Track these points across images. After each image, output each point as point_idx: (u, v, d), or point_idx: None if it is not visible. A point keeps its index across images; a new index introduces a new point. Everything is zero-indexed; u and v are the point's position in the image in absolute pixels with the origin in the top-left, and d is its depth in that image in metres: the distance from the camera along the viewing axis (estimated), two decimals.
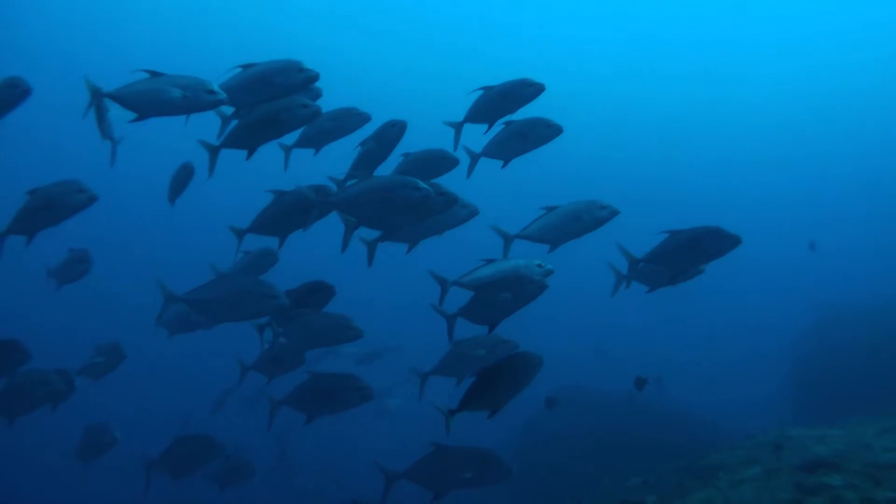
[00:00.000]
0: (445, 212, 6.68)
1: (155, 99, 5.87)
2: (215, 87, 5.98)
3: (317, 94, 6.94)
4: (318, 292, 7.36)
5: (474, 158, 7.62)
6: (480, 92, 7.49)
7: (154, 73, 5.99)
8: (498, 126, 7.53)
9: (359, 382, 7.18)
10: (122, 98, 5.94)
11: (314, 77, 6.33)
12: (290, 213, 6.77)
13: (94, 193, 6.51)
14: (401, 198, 6.32)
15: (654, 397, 14.30)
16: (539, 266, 6.72)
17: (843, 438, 8.99)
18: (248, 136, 6.39)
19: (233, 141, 6.42)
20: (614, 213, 7.18)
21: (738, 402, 18.74)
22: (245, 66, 6.24)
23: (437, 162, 7.28)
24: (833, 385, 14.90)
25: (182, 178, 8.30)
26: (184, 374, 20.87)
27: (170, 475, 8.46)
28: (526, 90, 7.27)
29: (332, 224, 6.73)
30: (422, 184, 6.37)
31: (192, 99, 5.87)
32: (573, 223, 7.19)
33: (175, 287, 6.97)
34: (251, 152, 6.49)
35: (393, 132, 7.25)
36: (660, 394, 14.31)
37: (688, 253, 6.97)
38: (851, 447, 8.23)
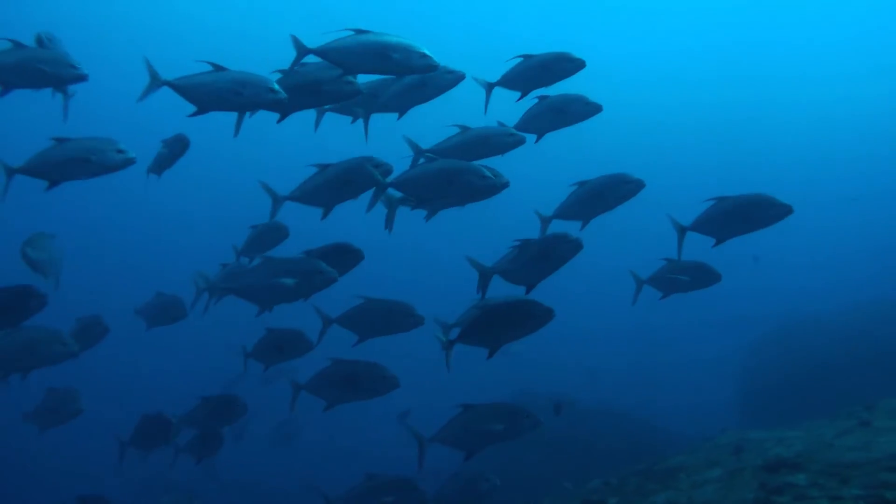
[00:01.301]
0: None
1: (216, 93, 5.88)
2: (276, 86, 6.01)
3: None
4: (344, 255, 7.06)
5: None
6: (517, 60, 7.38)
7: (217, 67, 5.97)
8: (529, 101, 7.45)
9: (384, 371, 7.07)
10: (183, 89, 5.90)
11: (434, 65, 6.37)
12: (337, 184, 6.69)
13: (132, 156, 6.30)
14: (465, 183, 6.37)
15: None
16: None
17: (802, 440, 9.06)
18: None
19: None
20: (640, 186, 7.14)
21: (692, 407, 18.91)
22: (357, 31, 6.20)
23: (503, 138, 7.19)
24: (784, 392, 15.12)
25: (175, 151, 7.98)
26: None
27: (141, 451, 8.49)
28: (567, 64, 7.19)
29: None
30: (487, 171, 6.41)
31: (254, 96, 5.92)
32: (599, 200, 7.17)
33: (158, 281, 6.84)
34: (283, 117, 6.44)
35: (447, 79, 6.97)
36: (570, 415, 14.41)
37: (737, 220, 6.89)
38: (812, 448, 8.28)
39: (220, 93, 5.93)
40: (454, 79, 6.92)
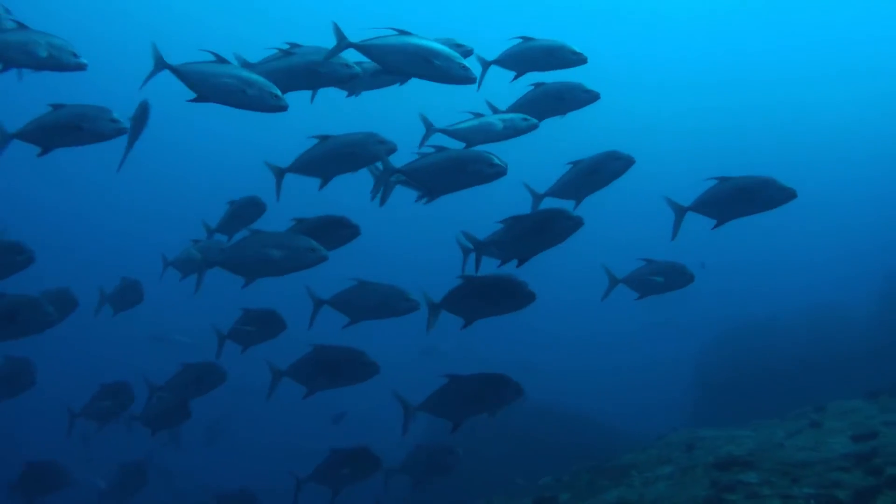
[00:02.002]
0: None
1: (220, 86, 5.86)
2: (280, 93, 6.00)
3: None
4: (339, 229, 6.91)
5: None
6: (517, 41, 7.32)
7: (219, 59, 6.01)
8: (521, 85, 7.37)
9: (365, 357, 7.01)
10: (185, 75, 5.85)
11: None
12: (340, 156, 6.61)
13: (124, 125, 6.24)
14: (474, 172, 6.32)
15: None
16: None
17: (753, 439, 9.12)
18: (285, 81, 6.24)
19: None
20: (630, 163, 7.05)
21: (644, 407, 19.02)
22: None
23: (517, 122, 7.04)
24: (734, 393, 15.27)
25: (140, 119, 7.63)
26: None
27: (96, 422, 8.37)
28: (570, 55, 7.15)
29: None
30: (497, 159, 6.36)
31: (257, 98, 5.90)
32: (590, 178, 7.09)
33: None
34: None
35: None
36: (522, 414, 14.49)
37: (740, 202, 6.76)
38: (764, 447, 8.33)
39: (225, 87, 5.90)
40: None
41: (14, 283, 6.77)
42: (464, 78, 6.28)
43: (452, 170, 6.42)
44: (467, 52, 6.93)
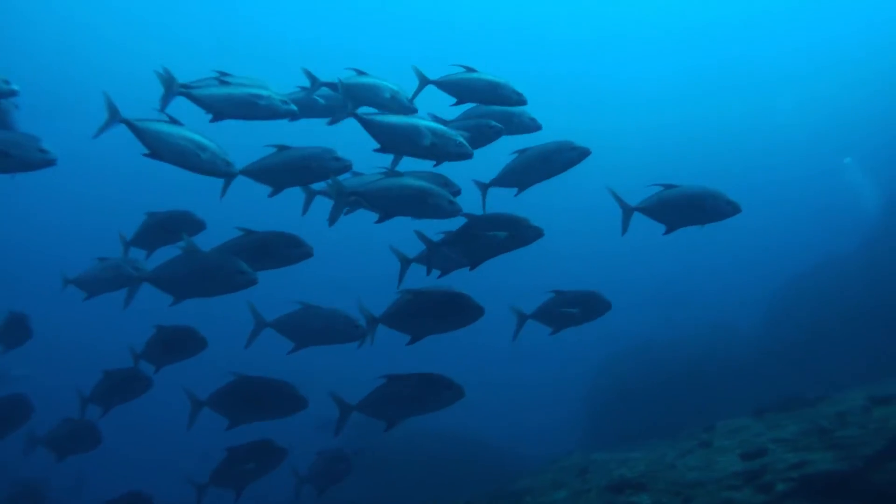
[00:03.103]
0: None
1: (175, 147, 5.88)
2: (289, 99, 6.46)
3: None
4: (291, 247, 6.61)
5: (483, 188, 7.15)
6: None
7: (223, 74, 6.33)
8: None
9: (293, 389, 6.67)
10: (141, 132, 5.83)
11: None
12: (293, 168, 6.49)
13: (53, 157, 6.04)
14: (434, 206, 6.21)
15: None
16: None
17: (645, 460, 9.10)
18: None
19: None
20: (585, 154, 6.79)
21: (540, 428, 18.98)
22: None
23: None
24: (625, 413, 15.35)
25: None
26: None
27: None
28: (511, 94, 6.91)
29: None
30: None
31: (210, 162, 5.97)
32: (542, 164, 6.83)
33: None
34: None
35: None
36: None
37: (688, 210, 6.59)
38: (655, 468, 8.29)
39: (180, 149, 5.90)
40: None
41: None
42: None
43: (412, 200, 6.26)
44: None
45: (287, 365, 7.41)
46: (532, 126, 7.26)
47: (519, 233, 6.24)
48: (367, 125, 6.18)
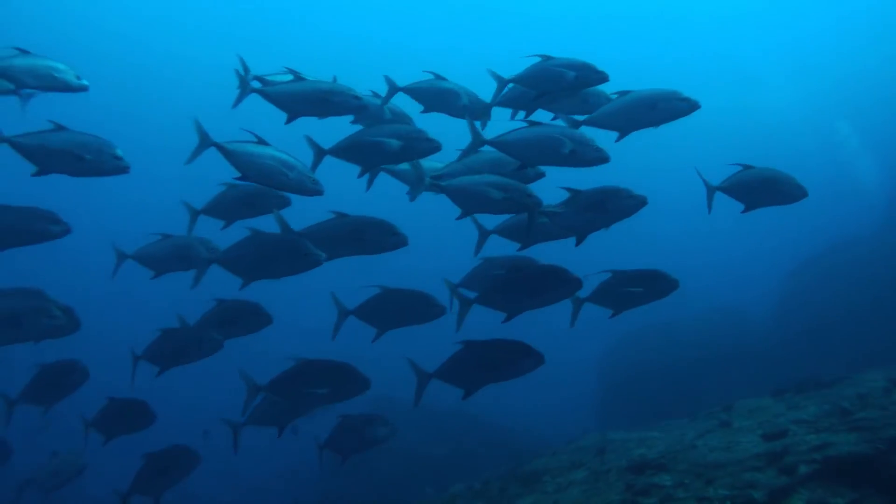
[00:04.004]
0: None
1: (310, 99, 6.29)
2: (359, 94, 6.50)
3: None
4: (251, 315, 6.93)
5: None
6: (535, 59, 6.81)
7: (298, 75, 6.45)
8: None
9: (356, 371, 6.56)
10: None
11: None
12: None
13: (127, 164, 6.11)
14: (374, 241, 6.30)
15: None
16: None
17: (664, 440, 9.10)
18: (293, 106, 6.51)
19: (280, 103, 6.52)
20: (694, 107, 6.49)
21: (551, 410, 19.05)
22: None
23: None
24: (639, 394, 15.41)
25: None
26: None
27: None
28: (593, 75, 6.57)
29: None
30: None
31: (341, 104, 6.35)
32: (648, 111, 6.53)
33: None
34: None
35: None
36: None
37: (764, 191, 6.62)
38: (675, 448, 8.30)
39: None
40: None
41: None
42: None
43: (349, 236, 6.33)
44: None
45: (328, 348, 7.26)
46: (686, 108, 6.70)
47: (620, 204, 6.17)
48: (505, 146, 6.24)
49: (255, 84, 6.60)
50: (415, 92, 6.95)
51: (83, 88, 6.42)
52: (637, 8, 37.49)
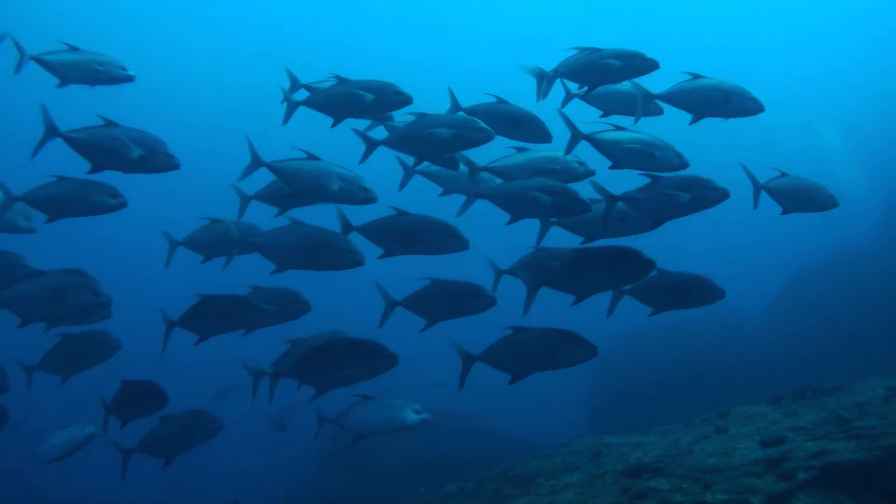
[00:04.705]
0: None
1: (350, 103, 6.33)
2: (402, 89, 6.37)
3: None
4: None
5: None
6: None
7: (342, 80, 6.43)
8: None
9: (383, 347, 6.20)
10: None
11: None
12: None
13: (178, 161, 6.17)
14: (435, 243, 6.26)
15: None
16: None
17: (660, 445, 9.07)
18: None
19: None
20: (760, 109, 6.49)
21: (541, 414, 18.97)
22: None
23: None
24: (632, 400, 15.36)
25: None
26: None
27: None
28: (642, 63, 6.45)
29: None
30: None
31: (381, 102, 6.34)
32: (723, 102, 6.47)
33: None
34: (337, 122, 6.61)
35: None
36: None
37: (802, 197, 6.67)
38: (672, 452, 8.28)
39: (355, 102, 6.34)
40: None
41: None
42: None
43: (407, 237, 6.25)
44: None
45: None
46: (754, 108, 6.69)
47: (703, 193, 6.04)
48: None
49: (298, 96, 6.66)
50: (479, 114, 6.70)
51: (129, 79, 6.57)
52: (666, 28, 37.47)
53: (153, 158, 6.04)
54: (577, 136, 6.19)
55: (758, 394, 10.36)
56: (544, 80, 6.68)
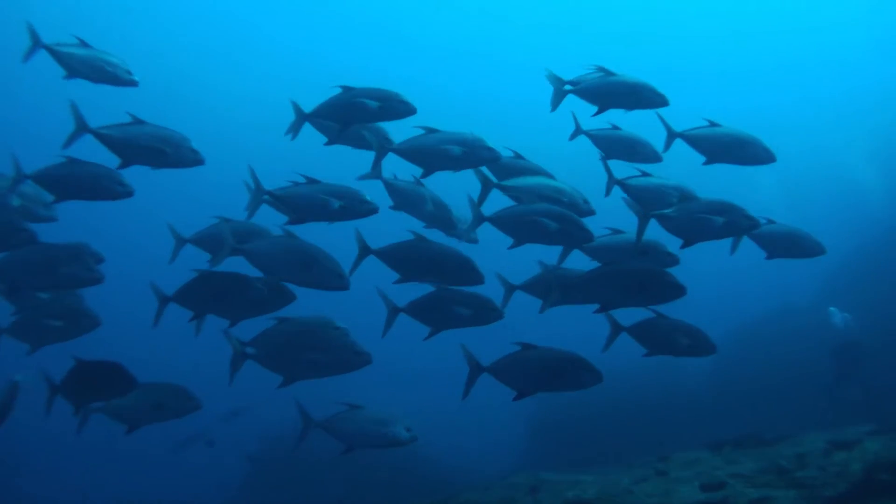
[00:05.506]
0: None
1: (439, 154, 6.33)
2: (491, 144, 6.33)
3: None
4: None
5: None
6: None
7: (430, 130, 6.38)
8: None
9: (355, 344, 6.06)
10: (406, 152, 6.37)
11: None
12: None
13: (202, 157, 6.27)
14: (451, 276, 6.17)
15: None
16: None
17: (598, 484, 8.98)
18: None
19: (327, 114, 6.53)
20: (772, 159, 6.66)
21: (473, 444, 18.74)
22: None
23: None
24: (571, 437, 15.24)
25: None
26: None
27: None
28: (654, 96, 6.63)
29: None
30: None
31: (470, 155, 6.30)
32: (737, 149, 6.63)
33: None
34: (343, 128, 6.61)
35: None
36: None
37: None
38: (611, 492, 8.19)
39: (444, 154, 6.33)
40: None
41: None
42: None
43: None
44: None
45: None
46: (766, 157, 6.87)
47: (735, 220, 6.06)
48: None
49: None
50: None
51: (132, 83, 6.70)
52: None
53: (179, 154, 6.20)
54: (672, 135, 6.59)
55: (696, 439, 10.32)
56: (559, 93, 6.78)
